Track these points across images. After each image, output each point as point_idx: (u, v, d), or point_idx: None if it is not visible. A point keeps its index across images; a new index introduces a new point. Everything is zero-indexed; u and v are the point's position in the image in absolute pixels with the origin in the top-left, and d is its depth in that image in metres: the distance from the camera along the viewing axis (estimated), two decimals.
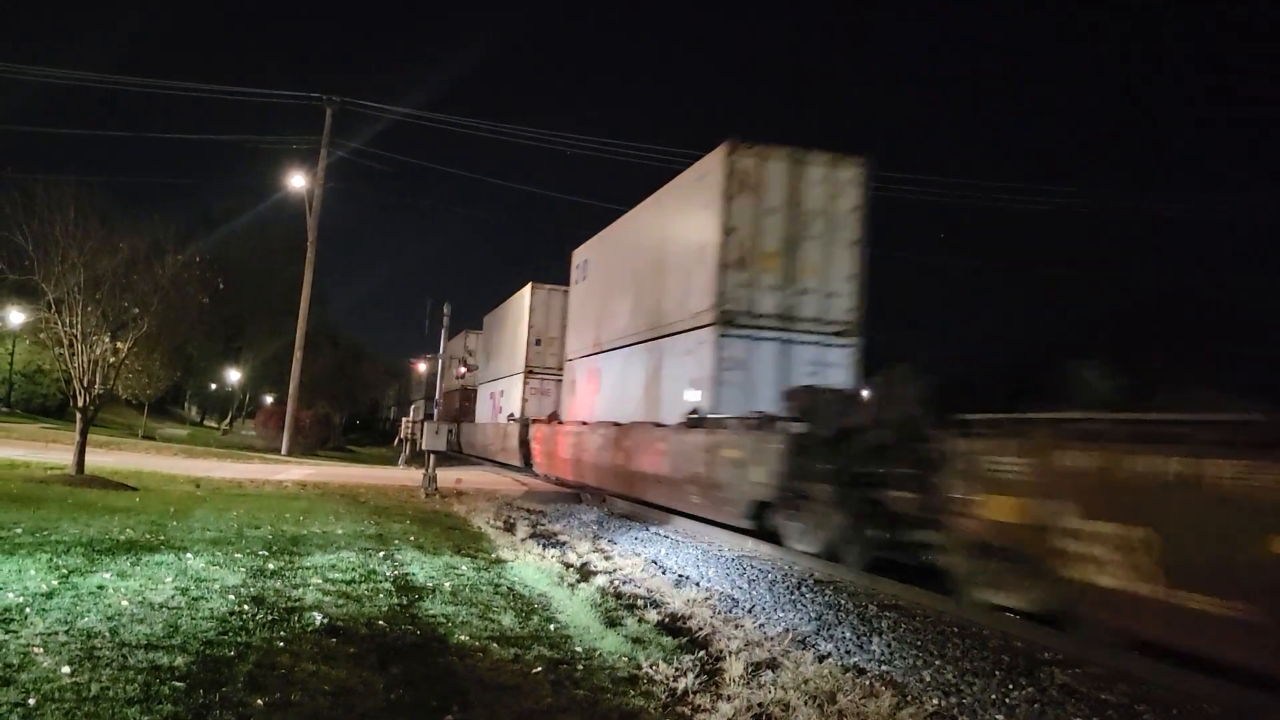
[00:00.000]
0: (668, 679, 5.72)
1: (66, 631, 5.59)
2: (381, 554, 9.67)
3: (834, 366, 15.07)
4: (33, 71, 33.60)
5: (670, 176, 18.50)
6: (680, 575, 9.93)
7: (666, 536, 13.47)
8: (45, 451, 20.96)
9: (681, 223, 17.24)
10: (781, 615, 8.10)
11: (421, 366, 55.45)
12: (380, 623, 6.59)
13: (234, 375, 56.89)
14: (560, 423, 24.05)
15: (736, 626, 7.44)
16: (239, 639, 5.77)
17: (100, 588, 6.88)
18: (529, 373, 29.63)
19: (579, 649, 6.36)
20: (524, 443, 27.10)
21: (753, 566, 10.60)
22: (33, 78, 34.22)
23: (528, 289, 30.10)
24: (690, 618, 7.69)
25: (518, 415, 29.66)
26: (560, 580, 9.11)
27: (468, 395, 41.46)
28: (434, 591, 7.90)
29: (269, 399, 54.10)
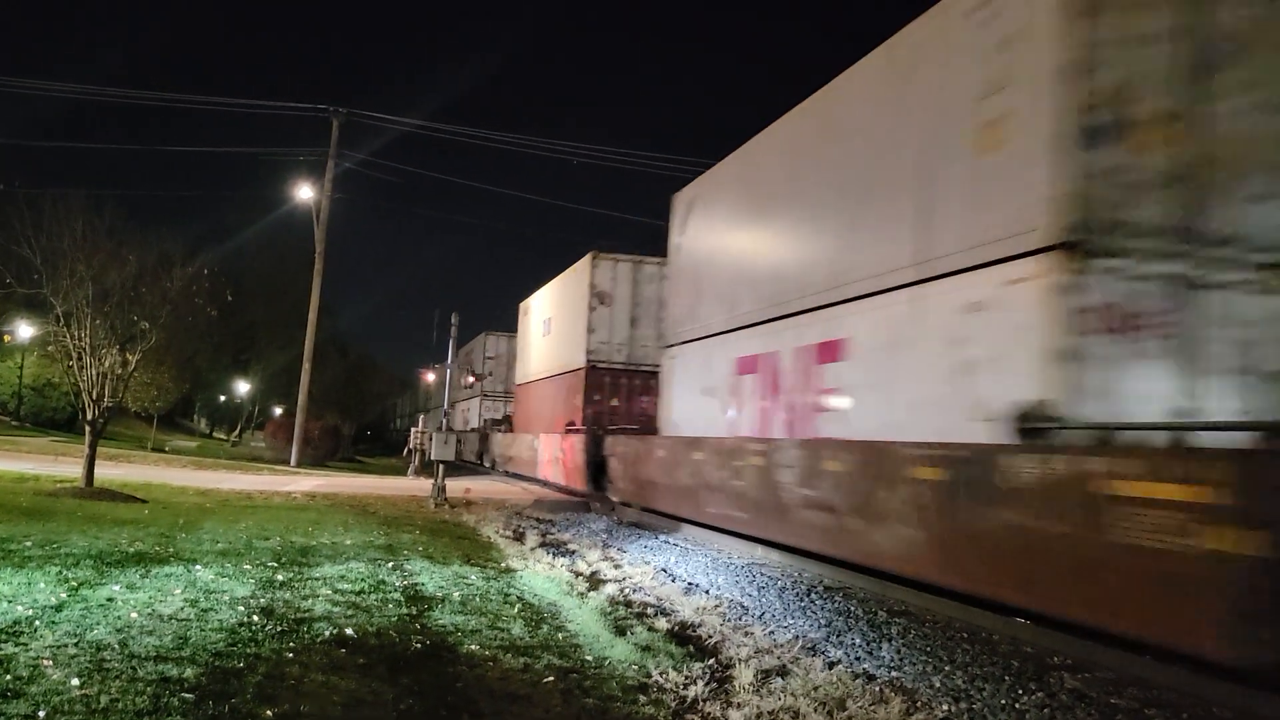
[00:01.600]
0: (677, 687, 5.71)
1: (76, 644, 5.60)
2: (391, 564, 9.67)
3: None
4: (41, 86, 33.81)
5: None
6: (690, 583, 9.91)
7: (676, 545, 13.45)
8: (55, 464, 21.01)
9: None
10: (791, 622, 8.08)
11: (430, 376, 55.56)
12: (390, 633, 6.59)
13: (243, 387, 57.02)
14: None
15: (746, 634, 7.42)
16: (248, 650, 5.77)
17: (109, 600, 6.90)
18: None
19: (589, 657, 6.35)
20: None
21: (762, 574, 10.58)
22: (42, 92, 34.47)
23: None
24: (700, 625, 7.68)
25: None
26: (570, 589, 9.11)
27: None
28: (443, 601, 7.90)
29: (278, 410, 54.20)
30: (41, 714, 4.38)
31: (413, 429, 31.63)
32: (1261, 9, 7.65)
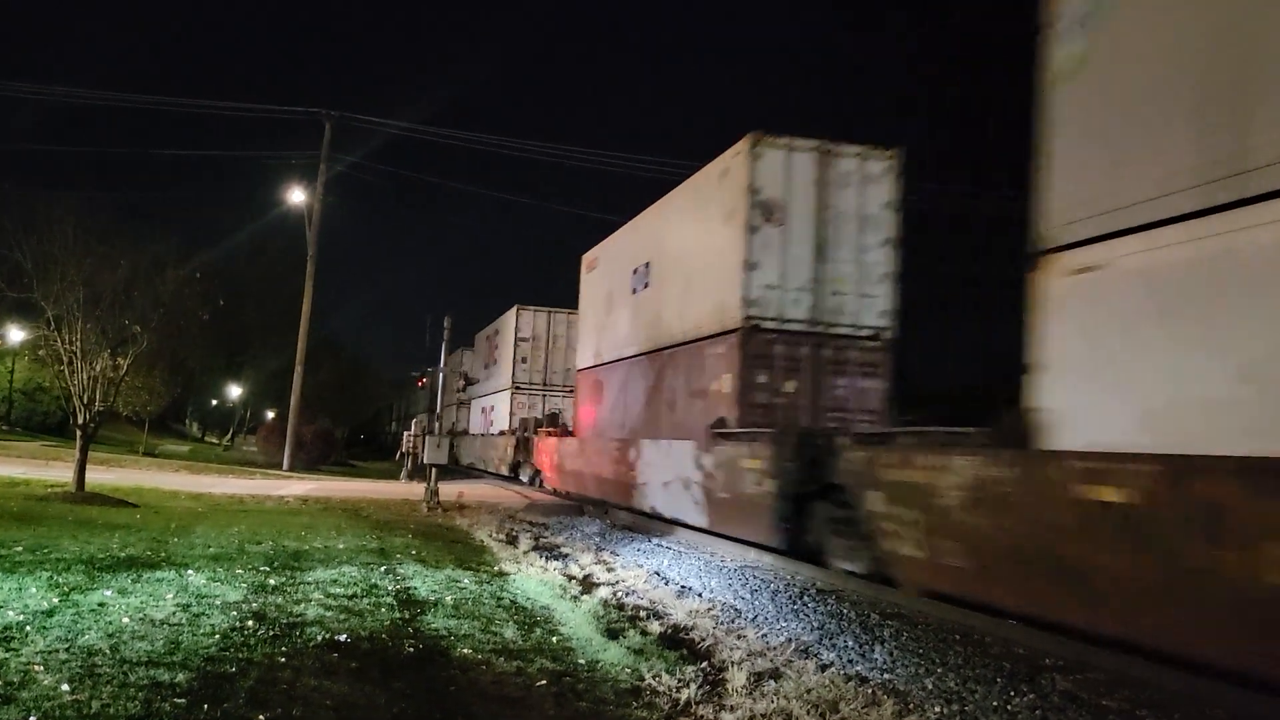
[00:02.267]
0: (670, 690, 5.71)
1: (67, 649, 5.59)
2: (383, 568, 9.66)
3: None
4: (32, 90, 33.70)
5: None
6: (683, 586, 9.92)
7: (669, 548, 13.45)
8: (45, 469, 20.95)
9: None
10: (784, 625, 8.09)
11: (423, 381, 55.48)
12: (383, 637, 6.58)
13: (235, 391, 56.80)
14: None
15: (739, 637, 7.42)
16: (240, 655, 5.76)
17: (101, 605, 6.88)
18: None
19: (582, 661, 6.36)
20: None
21: (755, 577, 10.59)
22: (32, 95, 34.35)
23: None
24: (693, 629, 7.68)
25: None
26: (563, 592, 9.10)
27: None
28: (436, 605, 7.89)
29: (270, 414, 54.05)
30: (33, 719, 4.37)
31: (406, 433, 31.57)
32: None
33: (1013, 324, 8.00)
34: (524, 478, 28.87)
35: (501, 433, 33.68)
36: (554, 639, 6.99)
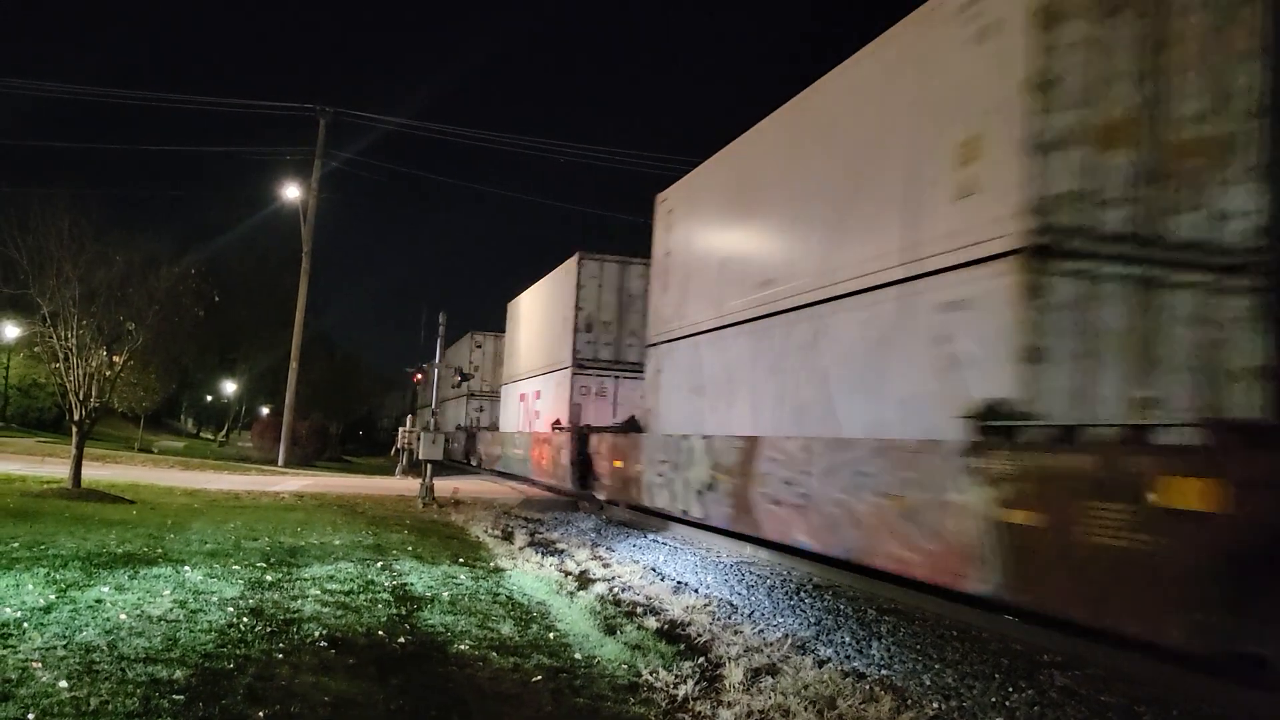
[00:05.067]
0: (667, 686, 5.72)
1: (65, 645, 5.58)
2: (379, 564, 9.65)
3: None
4: (25, 86, 33.60)
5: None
6: (679, 582, 9.93)
7: (665, 544, 13.46)
8: (41, 465, 20.91)
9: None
10: (781, 621, 8.10)
11: (419, 376, 55.43)
12: (379, 633, 6.58)
13: (230, 387, 56.77)
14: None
15: (736, 632, 7.43)
16: (238, 651, 5.76)
17: (98, 601, 6.87)
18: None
19: (578, 657, 6.36)
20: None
21: (751, 572, 10.60)
22: (25, 91, 34.24)
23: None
24: (689, 624, 7.69)
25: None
26: (559, 588, 9.10)
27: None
28: (432, 601, 7.89)
29: (265, 410, 54.04)
30: (31, 716, 4.36)
31: (400, 428, 31.50)
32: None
33: None
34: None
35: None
36: (550, 635, 6.99)
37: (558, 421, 22.25)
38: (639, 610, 8.17)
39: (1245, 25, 8.03)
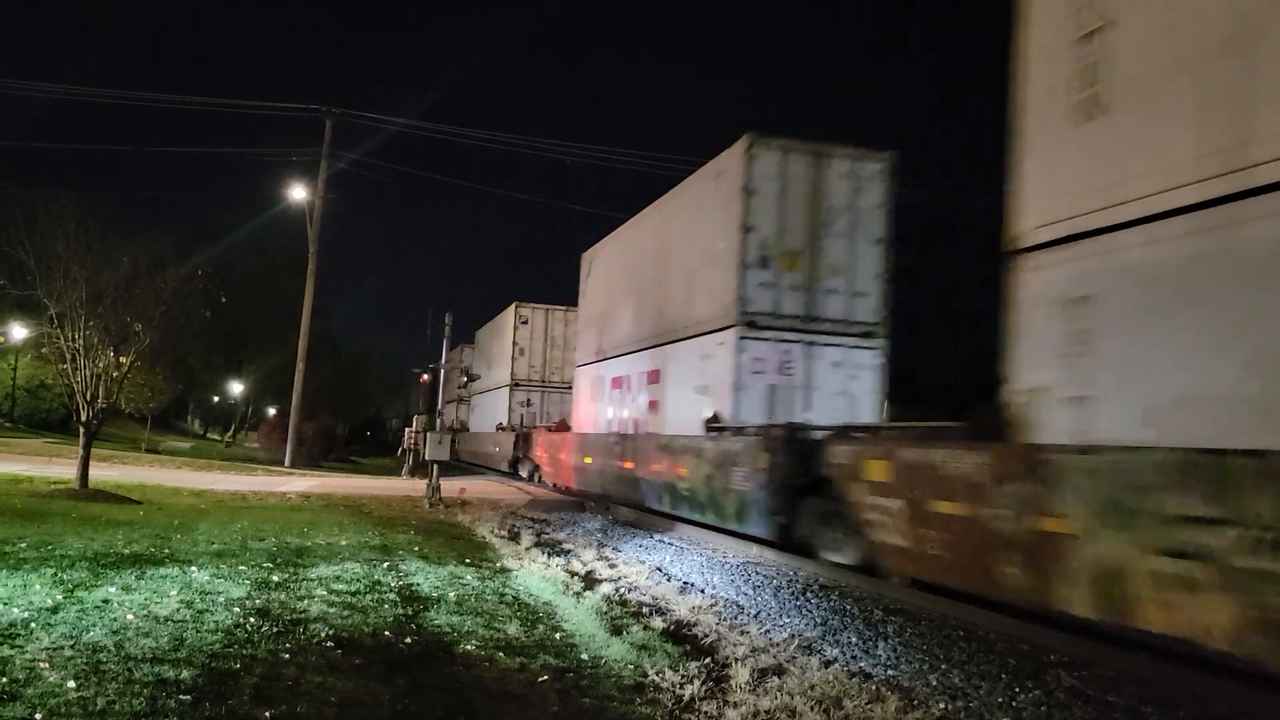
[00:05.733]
0: (674, 686, 5.71)
1: (72, 646, 5.60)
2: (386, 565, 9.66)
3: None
4: (33, 88, 33.68)
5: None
6: (685, 582, 9.92)
7: (671, 544, 13.45)
8: (48, 466, 20.95)
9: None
10: (787, 621, 8.09)
11: (425, 377, 55.48)
12: (386, 633, 6.59)
13: (236, 388, 56.92)
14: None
15: (742, 633, 7.42)
16: (244, 651, 5.77)
17: (105, 602, 6.89)
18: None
19: (585, 657, 6.36)
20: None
21: (758, 573, 10.59)
22: (33, 93, 34.33)
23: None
24: (696, 624, 7.68)
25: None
26: (565, 589, 9.10)
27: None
28: (439, 601, 7.90)
29: (272, 411, 54.12)
30: (38, 716, 4.38)
31: (407, 429, 31.56)
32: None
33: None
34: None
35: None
36: (557, 635, 6.99)
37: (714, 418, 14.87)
38: (645, 610, 8.17)
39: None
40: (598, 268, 22.89)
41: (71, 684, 4.84)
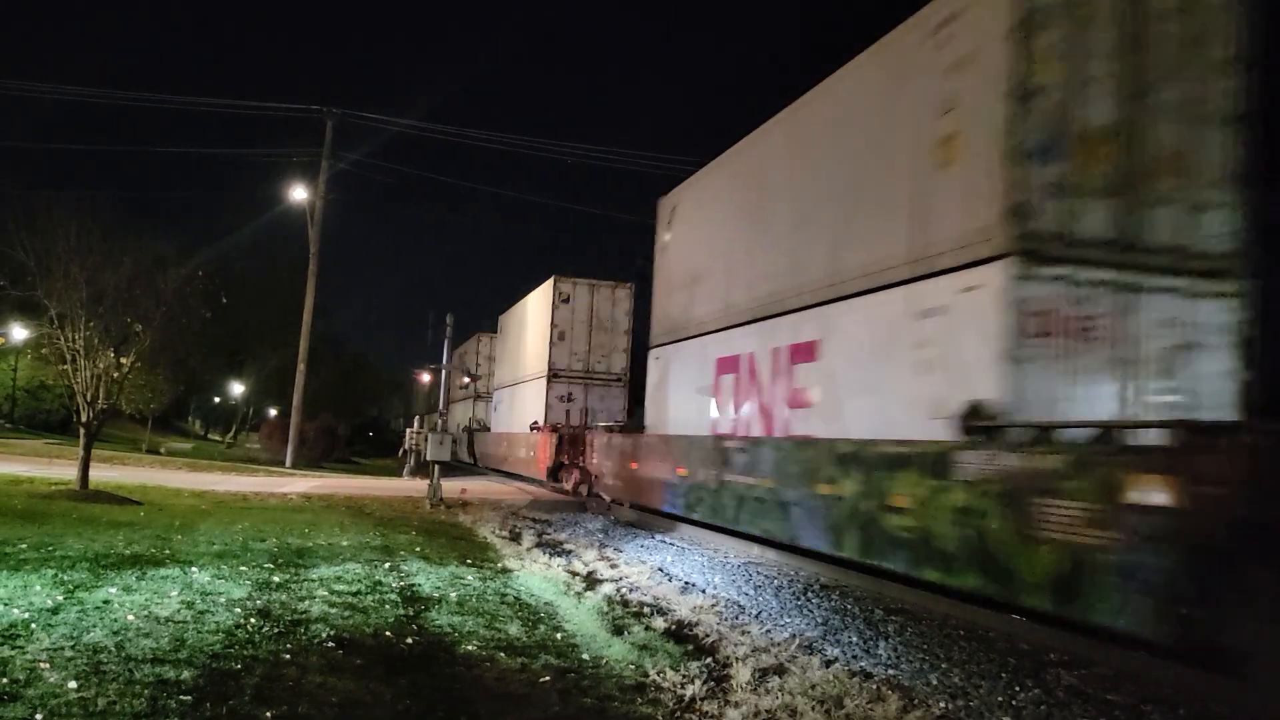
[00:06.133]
0: (675, 686, 5.71)
1: (72, 646, 5.59)
2: (387, 565, 9.66)
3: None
4: (33, 88, 33.67)
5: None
6: (686, 582, 9.92)
7: (672, 544, 13.45)
8: (49, 467, 20.95)
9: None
10: (788, 621, 8.10)
11: (426, 377, 55.48)
12: (387, 634, 6.59)
13: (237, 388, 56.89)
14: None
15: (743, 632, 7.43)
16: (245, 652, 5.77)
17: (106, 602, 6.88)
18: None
19: (586, 657, 6.36)
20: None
21: (759, 573, 10.59)
22: (33, 94, 34.32)
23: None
24: (697, 624, 7.68)
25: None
26: (566, 589, 9.11)
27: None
28: (440, 602, 7.90)
29: (273, 411, 54.11)
30: (39, 717, 4.38)
31: (408, 429, 31.53)
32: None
33: None
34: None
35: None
36: (558, 635, 7.00)
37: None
38: (646, 611, 8.17)
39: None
40: (686, 214, 16.42)
41: (72, 684, 4.84)
